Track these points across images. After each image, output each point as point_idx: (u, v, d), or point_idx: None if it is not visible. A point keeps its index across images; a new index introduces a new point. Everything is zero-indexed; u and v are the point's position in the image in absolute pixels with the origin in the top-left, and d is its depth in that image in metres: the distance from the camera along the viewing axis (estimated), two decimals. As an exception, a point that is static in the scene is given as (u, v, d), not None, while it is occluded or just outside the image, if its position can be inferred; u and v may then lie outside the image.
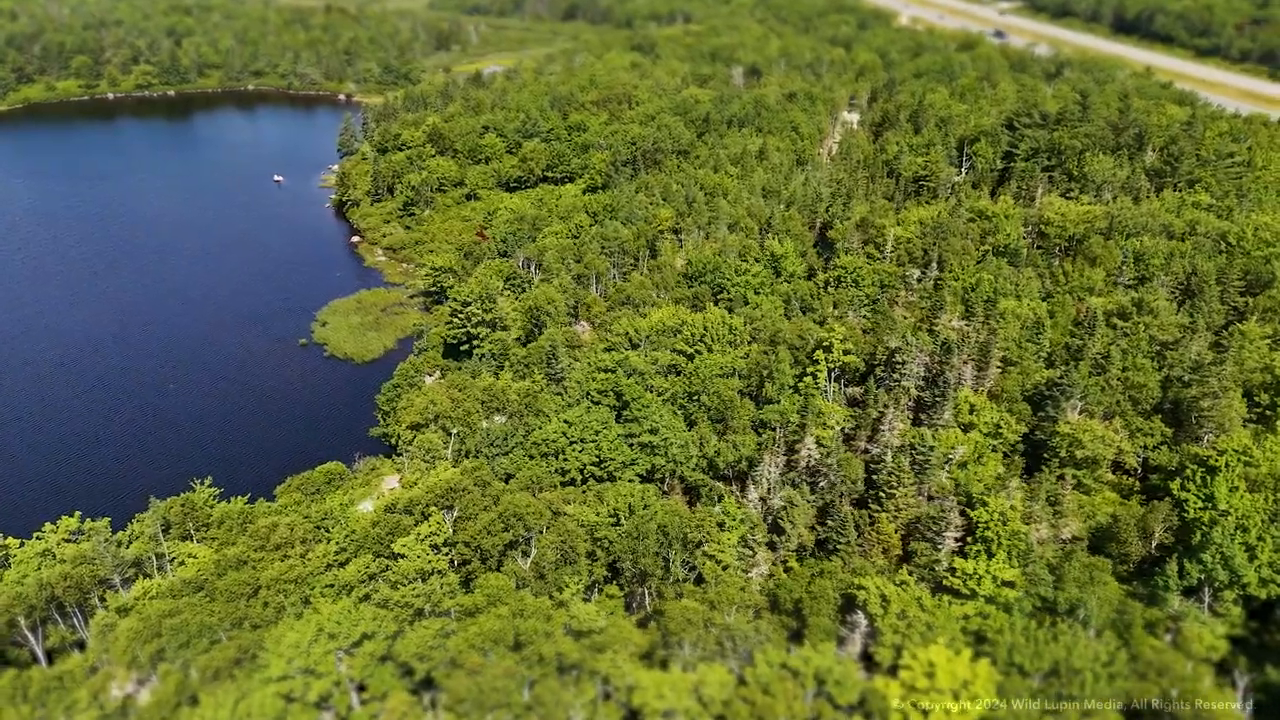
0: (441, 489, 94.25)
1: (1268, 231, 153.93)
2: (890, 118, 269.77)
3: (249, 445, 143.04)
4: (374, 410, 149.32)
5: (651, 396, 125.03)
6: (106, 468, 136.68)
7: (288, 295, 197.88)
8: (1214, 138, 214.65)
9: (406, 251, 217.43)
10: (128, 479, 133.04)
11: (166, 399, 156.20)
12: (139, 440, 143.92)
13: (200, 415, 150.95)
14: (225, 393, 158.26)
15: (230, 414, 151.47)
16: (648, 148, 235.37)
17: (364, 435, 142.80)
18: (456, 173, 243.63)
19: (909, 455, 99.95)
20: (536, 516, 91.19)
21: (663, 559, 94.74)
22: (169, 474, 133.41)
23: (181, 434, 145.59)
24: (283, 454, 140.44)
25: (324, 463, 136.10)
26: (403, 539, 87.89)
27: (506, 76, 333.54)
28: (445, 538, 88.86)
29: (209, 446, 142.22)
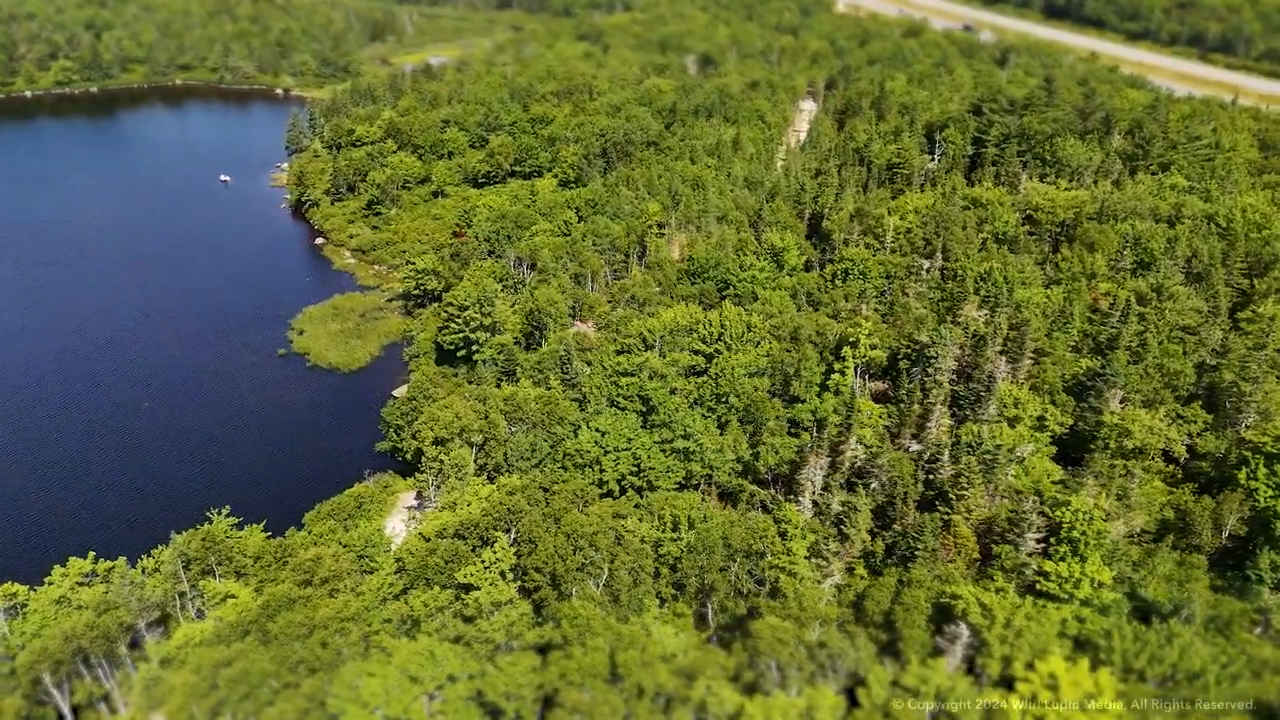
0: (498, 510, 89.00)
1: (1256, 213, 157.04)
2: (853, 105, 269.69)
3: (243, 467, 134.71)
4: (375, 423, 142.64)
5: (679, 400, 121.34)
6: (91, 499, 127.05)
7: (257, 303, 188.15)
8: (1177, 121, 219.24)
9: (377, 253, 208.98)
10: (118, 511, 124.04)
11: (144, 421, 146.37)
12: (120, 467, 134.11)
13: (184, 436, 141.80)
14: (207, 411, 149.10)
15: (216, 433, 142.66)
16: (618, 140, 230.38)
17: (366, 449, 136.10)
18: (420, 169, 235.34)
19: (972, 453, 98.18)
20: (603, 535, 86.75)
21: (729, 572, 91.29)
22: (160, 503, 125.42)
23: (166, 458, 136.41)
24: (282, 474, 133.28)
25: (328, 481, 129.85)
26: (468, 567, 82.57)
27: (457, 68, 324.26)
28: (511, 563, 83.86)
29: (199, 470, 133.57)
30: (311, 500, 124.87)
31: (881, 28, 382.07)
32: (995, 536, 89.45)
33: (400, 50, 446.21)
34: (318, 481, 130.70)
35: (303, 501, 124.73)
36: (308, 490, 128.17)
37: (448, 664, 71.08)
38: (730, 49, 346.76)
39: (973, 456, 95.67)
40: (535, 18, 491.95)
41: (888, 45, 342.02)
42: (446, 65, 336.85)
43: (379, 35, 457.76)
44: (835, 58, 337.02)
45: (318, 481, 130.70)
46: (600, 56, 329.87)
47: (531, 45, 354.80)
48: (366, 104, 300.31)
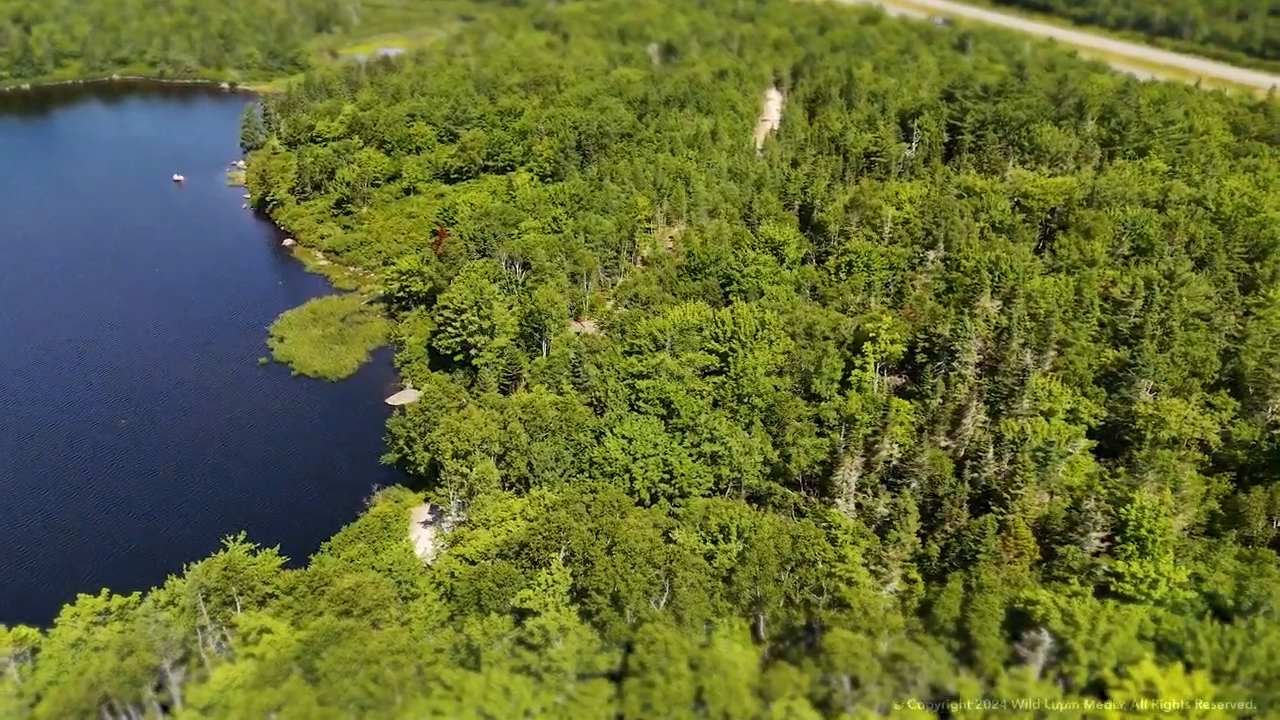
0: (547, 528, 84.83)
1: (1244, 196, 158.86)
2: (823, 94, 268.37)
3: (238, 486, 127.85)
4: (375, 434, 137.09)
5: (702, 402, 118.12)
6: (78, 528, 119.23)
7: (230, 310, 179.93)
8: (1147, 106, 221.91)
9: (351, 254, 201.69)
10: (110, 541, 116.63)
11: (124, 440, 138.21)
12: (104, 493, 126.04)
13: (169, 455, 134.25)
14: (190, 426, 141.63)
15: (203, 451, 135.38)
16: (592, 131, 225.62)
17: (369, 462, 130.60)
18: (389, 165, 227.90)
19: (1016, 449, 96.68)
20: (659, 550, 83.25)
21: (781, 583, 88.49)
22: (154, 529, 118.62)
23: (153, 480, 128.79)
24: (282, 492, 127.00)
25: (333, 497, 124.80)
26: (523, 591, 78.43)
27: (416, 60, 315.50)
28: (568, 585, 79.82)
29: (190, 492, 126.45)
30: (317, 519, 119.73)
31: (839, 15, 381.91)
32: (1055, 536, 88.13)
33: (348, 41, 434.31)
34: (321, 498, 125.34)
35: (308, 521, 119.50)
36: (312, 508, 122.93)
37: (523, 699, 67.07)
38: (691, 37, 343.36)
39: (1025, 453, 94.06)
40: (484, 7, 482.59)
41: (849, 32, 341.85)
42: (403, 57, 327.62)
43: (324, 26, 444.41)
44: (797, 45, 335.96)
45: (321, 498, 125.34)
46: (563, 46, 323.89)
47: (491, 36, 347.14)
48: (322, 98, 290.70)
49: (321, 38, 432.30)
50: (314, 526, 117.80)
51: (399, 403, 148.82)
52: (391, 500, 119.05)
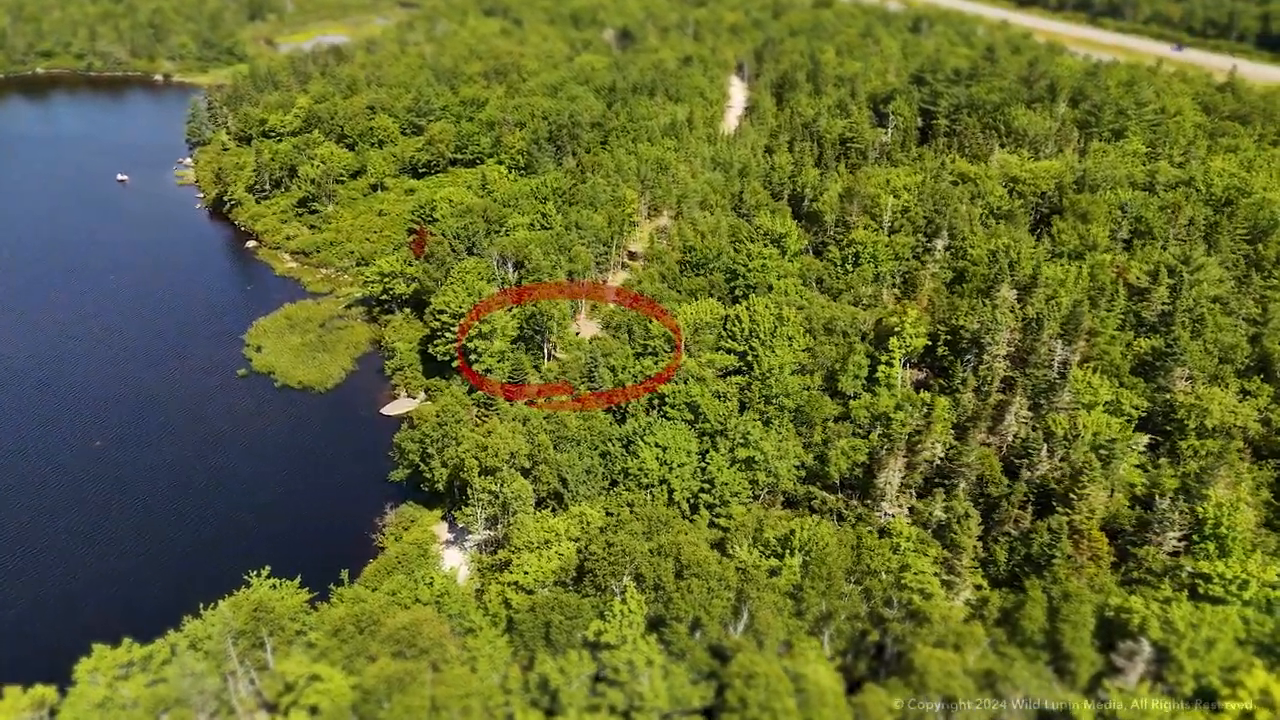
0: (608, 553, 79.80)
1: (1233, 177, 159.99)
2: (789, 79, 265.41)
3: (232, 510, 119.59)
4: (375, 447, 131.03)
5: (730, 404, 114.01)
6: (69, 567, 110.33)
7: (198, 318, 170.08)
8: (1116, 87, 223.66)
9: (321, 255, 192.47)
10: (108, 579, 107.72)
11: (101, 464, 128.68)
12: (89, 524, 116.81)
13: (152, 479, 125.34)
14: (172, 447, 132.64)
15: (189, 473, 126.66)
16: (563, 122, 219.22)
17: (374, 479, 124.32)
18: (353, 161, 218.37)
19: (1068, 445, 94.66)
20: (730, 571, 79.03)
21: (848, 596, 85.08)
22: (148, 563, 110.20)
23: (138, 507, 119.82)
24: (283, 515, 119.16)
25: (340, 519, 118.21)
26: (596, 623, 73.47)
27: (366, 49, 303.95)
28: (644, 613, 75.04)
29: (183, 519, 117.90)
30: (328, 544, 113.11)
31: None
32: (1128, 537, 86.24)
33: (283, 29, 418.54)
34: (329, 520, 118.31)
35: (319, 546, 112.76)
36: (321, 532, 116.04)
37: (622, 746, 62.51)
38: (646, 22, 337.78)
39: (1080, 450, 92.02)
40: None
41: (805, 16, 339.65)
42: (350, 46, 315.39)
43: (257, 14, 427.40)
44: (754, 30, 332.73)
45: (329, 520, 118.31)
46: (519, 33, 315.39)
47: (442, 23, 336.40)
48: (270, 90, 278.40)
49: (255, 25, 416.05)
50: (326, 552, 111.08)
51: (396, 413, 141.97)
52: (406, 519, 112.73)
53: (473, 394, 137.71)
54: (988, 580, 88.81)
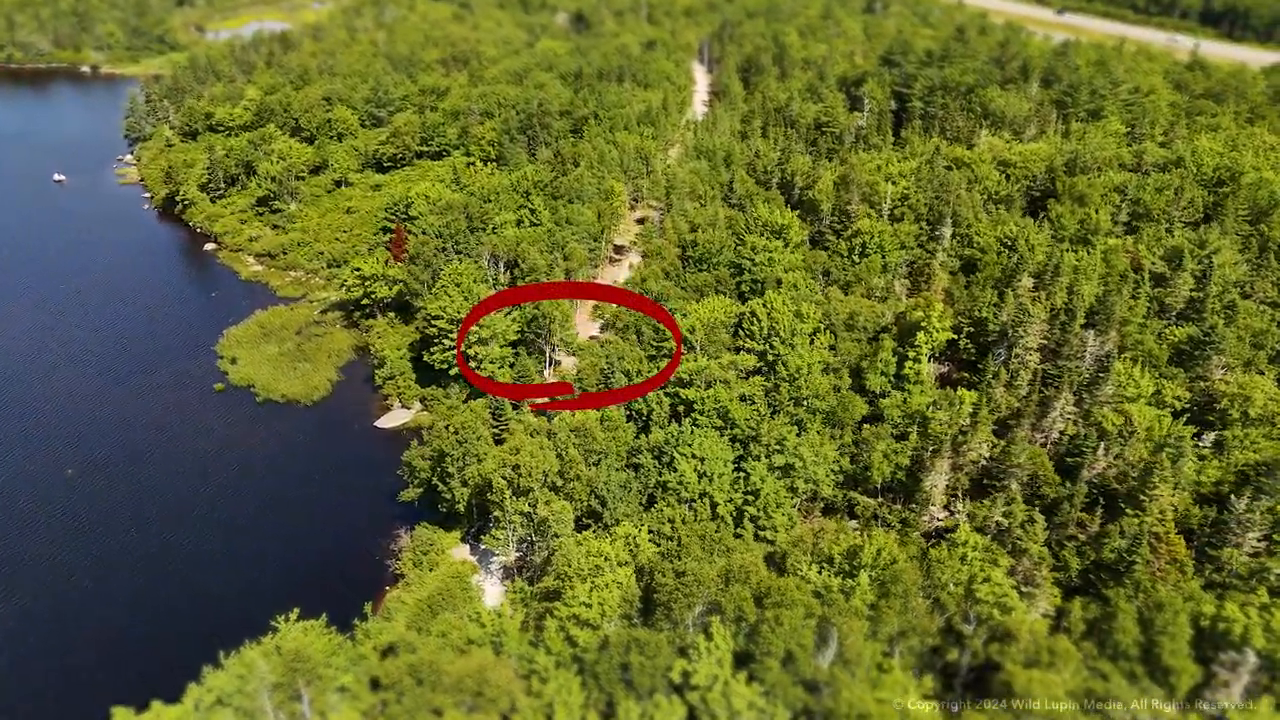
0: (679, 582, 74.47)
1: (1225, 157, 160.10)
2: (755, 63, 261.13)
3: (231, 541, 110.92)
4: (376, 464, 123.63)
5: (756, 409, 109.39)
6: (59, 611, 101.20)
7: (164, 329, 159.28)
8: (1086, 66, 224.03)
9: (289, 256, 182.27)
10: (104, 626, 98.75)
11: (77, 496, 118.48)
12: (64, 558, 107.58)
13: (136, 509, 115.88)
14: (153, 472, 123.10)
15: (175, 499, 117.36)
16: (533, 111, 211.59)
17: (381, 498, 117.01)
18: (313, 156, 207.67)
19: (1124, 441, 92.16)
20: (807, 597, 74.46)
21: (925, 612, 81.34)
22: (145, 604, 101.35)
23: (125, 542, 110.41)
24: (288, 545, 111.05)
25: (350, 545, 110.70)
26: (680, 663, 68.26)
27: (313, 36, 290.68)
28: (730, 649, 69.96)
29: (176, 553, 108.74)
30: (342, 574, 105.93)
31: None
32: (1201, 539, 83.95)
33: (214, 15, 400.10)
34: (339, 546, 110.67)
35: (332, 576, 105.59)
36: (332, 560, 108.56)
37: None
38: (599, 5, 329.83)
39: (1137, 445, 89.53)
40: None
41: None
42: (294, 33, 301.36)
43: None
44: (710, 12, 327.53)
45: (339, 546, 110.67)
46: (471, 18, 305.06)
47: (390, 8, 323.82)
48: (212, 81, 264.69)
49: (184, 11, 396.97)
50: (338, 582, 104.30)
51: (391, 426, 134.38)
52: (423, 543, 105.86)
53: (470, 401, 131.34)
54: (1059, 589, 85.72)
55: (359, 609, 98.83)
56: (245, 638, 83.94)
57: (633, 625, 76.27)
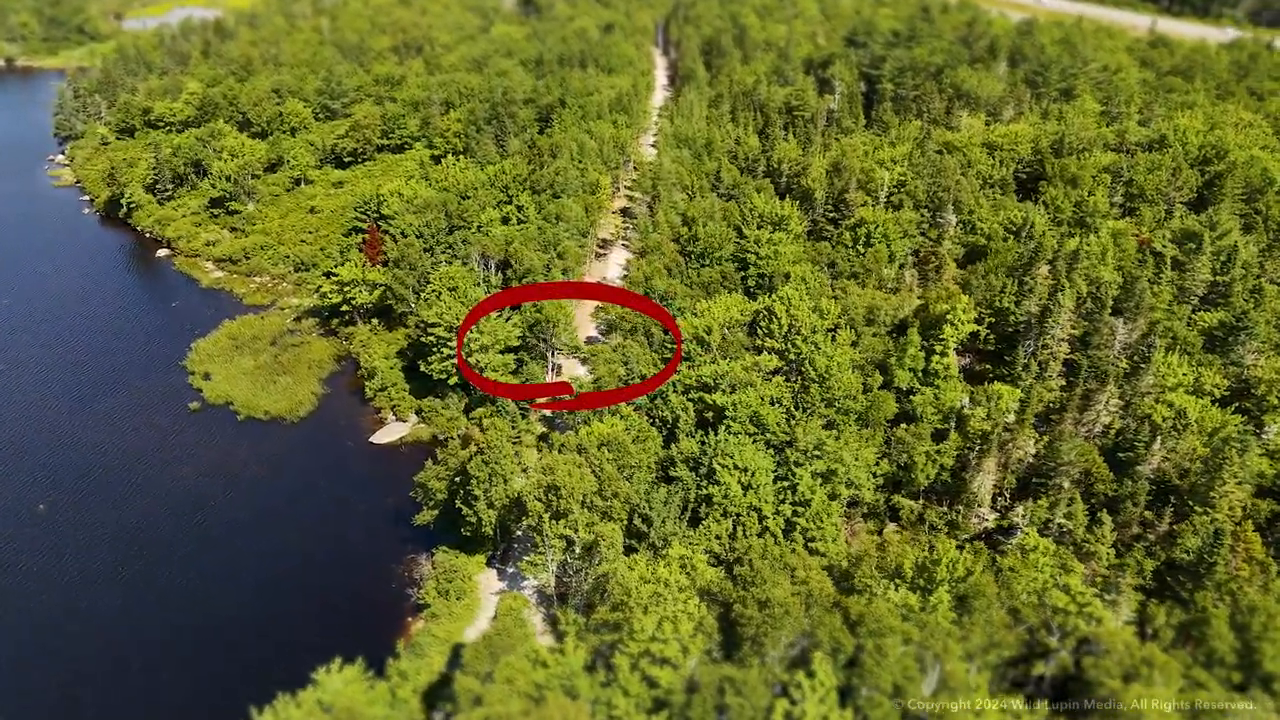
0: (765, 614, 69.58)
1: (1205, 136, 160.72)
2: (715, 45, 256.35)
3: (224, 575, 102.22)
4: (371, 484, 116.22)
5: (797, 413, 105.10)
6: (58, 672, 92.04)
7: (126, 344, 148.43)
8: (1051, 45, 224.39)
9: (252, 261, 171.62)
10: (108, 683, 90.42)
11: (48, 532, 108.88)
12: (42, 605, 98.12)
13: (113, 543, 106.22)
14: (133, 502, 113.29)
15: (159, 533, 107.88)
16: (497, 100, 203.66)
17: (384, 522, 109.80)
18: (267, 152, 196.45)
19: (1178, 433, 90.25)
20: (897, 621, 70.45)
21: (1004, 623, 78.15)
22: (147, 655, 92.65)
23: (103, 580, 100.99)
24: (293, 578, 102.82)
25: (365, 574, 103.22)
26: (781, 703, 63.54)
27: (250, 24, 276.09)
28: (833, 685, 65.53)
29: (164, 593, 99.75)
30: (351, 605, 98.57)
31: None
32: (1271, 535, 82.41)
33: (134, 3, 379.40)
34: (344, 575, 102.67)
35: (340, 608, 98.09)
36: (338, 591, 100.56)
37: None
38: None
39: (1193, 437, 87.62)
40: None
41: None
42: (228, 21, 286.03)
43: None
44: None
45: (344, 575, 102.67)
46: (419, 2, 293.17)
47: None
48: (144, 74, 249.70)
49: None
50: (355, 616, 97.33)
51: (387, 441, 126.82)
52: (446, 569, 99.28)
53: (473, 412, 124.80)
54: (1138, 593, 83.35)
55: (381, 643, 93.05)
56: (266, 685, 77.28)
57: (715, 661, 71.37)
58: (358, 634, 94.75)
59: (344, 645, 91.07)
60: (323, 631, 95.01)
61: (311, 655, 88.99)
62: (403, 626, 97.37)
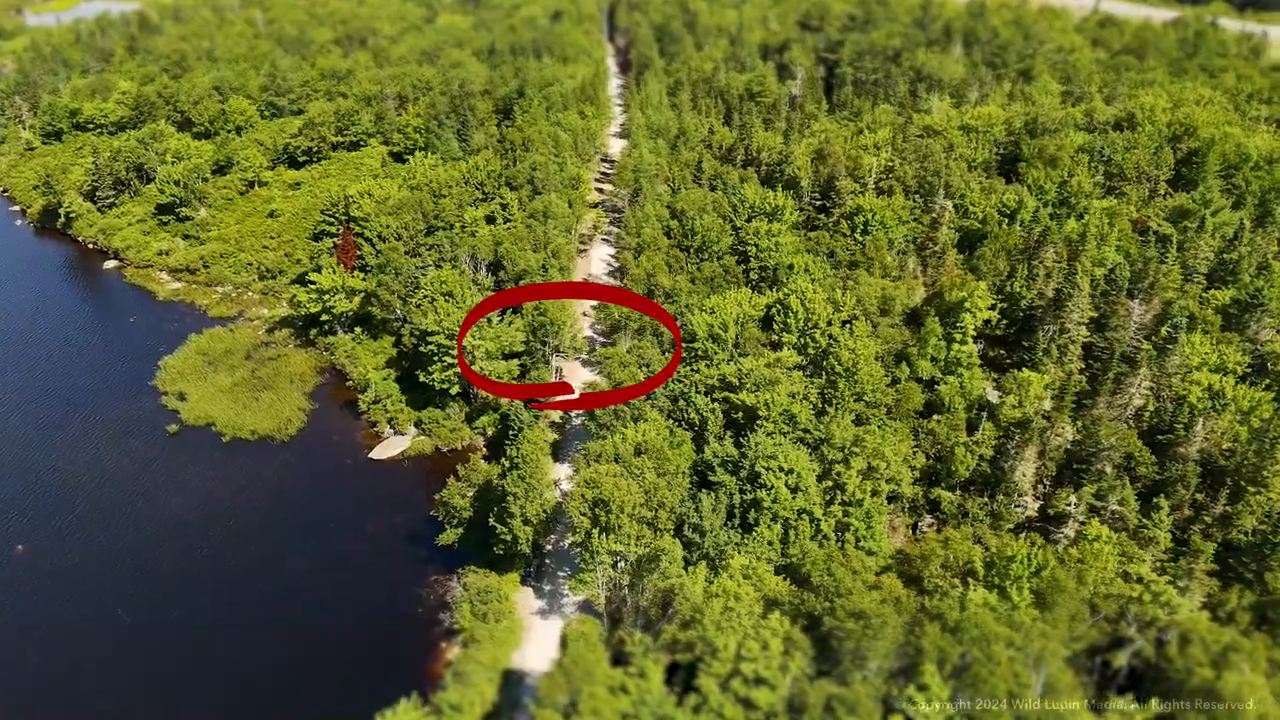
0: (861, 626, 67.01)
1: (1172, 113, 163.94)
2: (667, 32, 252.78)
3: (239, 611, 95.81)
4: (381, 503, 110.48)
5: (807, 407, 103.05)
6: None
7: (87, 366, 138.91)
8: (1002, 26, 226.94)
9: (212, 270, 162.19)
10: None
11: (33, 577, 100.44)
12: (34, 657, 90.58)
13: (106, 585, 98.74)
14: (122, 537, 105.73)
15: (155, 569, 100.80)
16: (455, 92, 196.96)
17: (399, 543, 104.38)
18: (216, 153, 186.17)
19: (1219, 412, 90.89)
20: (989, 619, 68.78)
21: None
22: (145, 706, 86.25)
23: (99, 628, 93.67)
24: (306, 609, 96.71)
25: (379, 601, 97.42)
26: (896, 719, 61.29)
27: (175, 18, 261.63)
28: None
29: (171, 639, 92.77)
30: (378, 635, 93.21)
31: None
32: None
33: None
34: (366, 604, 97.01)
35: (368, 639, 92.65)
36: (361, 621, 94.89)
37: None
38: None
39: (1227, 416, 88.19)
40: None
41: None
42: (146, 14, 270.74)
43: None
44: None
45: (366, 604, 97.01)
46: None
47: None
48: (63, 72, 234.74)
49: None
50: (388, 645, 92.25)
51: (387, 456, 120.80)
52: (479, 590, 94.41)
53: (476, 421, 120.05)
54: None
55: (416, 673, 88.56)
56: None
57: (810, 679, 68.68)
58: (389, 665, 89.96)
59: (376, 679, 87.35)
60: (353, 665, 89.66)
61: (344, 691, 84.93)
62: (437, 654, 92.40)
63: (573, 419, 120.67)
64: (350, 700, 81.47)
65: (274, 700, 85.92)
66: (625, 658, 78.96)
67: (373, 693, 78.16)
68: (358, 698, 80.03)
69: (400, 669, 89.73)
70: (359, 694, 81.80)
